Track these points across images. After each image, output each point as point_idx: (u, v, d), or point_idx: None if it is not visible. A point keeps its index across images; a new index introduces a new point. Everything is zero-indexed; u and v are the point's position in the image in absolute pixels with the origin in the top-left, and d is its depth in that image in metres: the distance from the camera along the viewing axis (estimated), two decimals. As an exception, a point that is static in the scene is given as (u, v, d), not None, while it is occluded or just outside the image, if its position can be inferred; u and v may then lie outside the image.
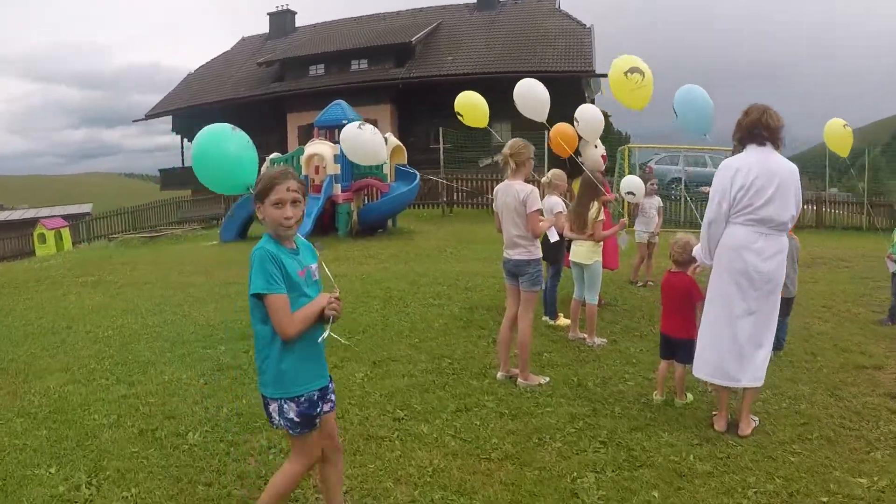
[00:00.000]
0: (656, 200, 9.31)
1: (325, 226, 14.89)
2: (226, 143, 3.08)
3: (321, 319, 2.60)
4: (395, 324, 6.84)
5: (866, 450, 4.05)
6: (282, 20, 37.81)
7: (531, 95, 6.73)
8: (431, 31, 30.87)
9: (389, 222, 16.30)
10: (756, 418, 4.35)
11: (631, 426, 4.30)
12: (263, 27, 39.03)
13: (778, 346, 6.04)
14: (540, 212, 4.81)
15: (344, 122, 15.48)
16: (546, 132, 18.50)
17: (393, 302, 7.90)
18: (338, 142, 14.76)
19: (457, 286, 8.80)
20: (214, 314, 7.61)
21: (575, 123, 7.18)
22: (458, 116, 7.82)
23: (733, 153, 4.28)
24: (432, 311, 7.40)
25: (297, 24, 38.28)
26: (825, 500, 3.43)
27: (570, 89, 23.10)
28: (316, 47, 31.99)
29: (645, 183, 8.57)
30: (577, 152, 7.13)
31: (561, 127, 7.17)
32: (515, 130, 22.96)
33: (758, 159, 3.99)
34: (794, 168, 4.05)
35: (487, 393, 4.86)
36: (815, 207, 19.31)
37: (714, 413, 4.43)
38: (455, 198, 20.44)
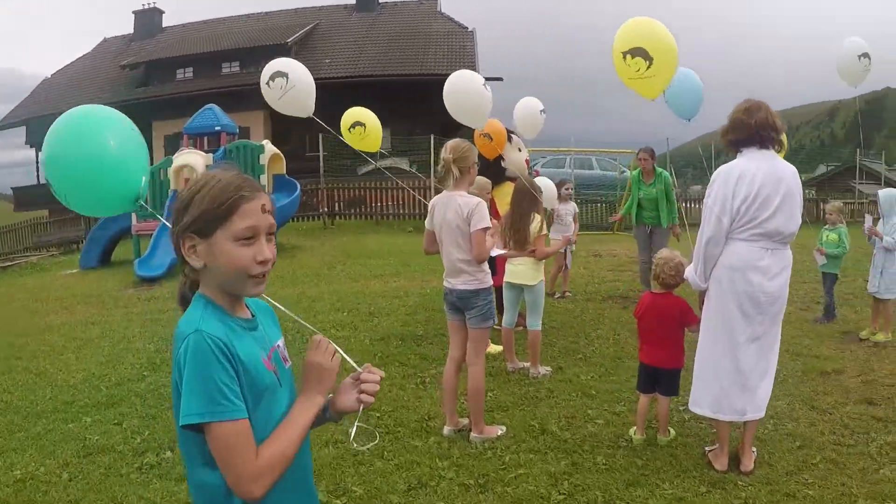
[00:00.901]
0: (572, 206, 8.99)
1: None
2: (99, 134, 2.08)
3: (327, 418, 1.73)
4: (294, 367, 5.82)
5: (875, 468, 3.80)
6: (148, 19, 34.70)
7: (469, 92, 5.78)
8: (308, 33, 29.67)
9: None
10: (754, 449, 3.90)
11: (625, 481, 3.69)
12: (128, 27, 36.32)
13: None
14: (487, 230, 4.09)
15: (217, 128, 14.08)
16: (432, 136, 17.92)
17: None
18: (209, 151, 13.55)
19: (359, 311, 8.01)
20: (75, 368, 6.26)
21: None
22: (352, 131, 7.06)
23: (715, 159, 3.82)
24: (338, 348, 6.50)
25: (164, 24, 35.40)
26: None
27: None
28: (184, 49, 29.71)
29: (559, 188, 8.20)
30: (500, 156, 6.53)
31: (492, 123, 6.50)
32: (395, 137, 22.60)
33: (762, 165, 3.55)
34: (796, 171, 3.67)
35: (439, 457, 4.04)
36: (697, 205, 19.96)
37: (709, 449, 3.98)
38: (336, 208, 19.56)
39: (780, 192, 3.49)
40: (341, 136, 7.44)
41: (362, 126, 7.37)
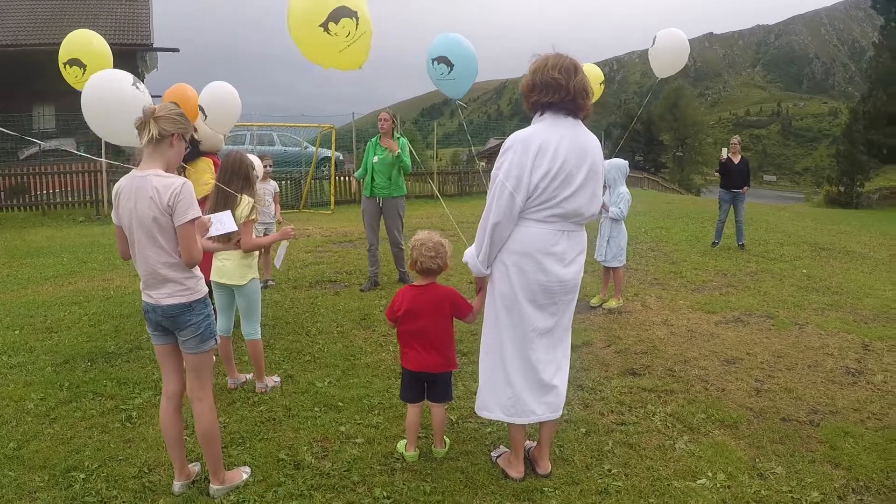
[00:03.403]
0: (272, 185, 8.08)
1: None
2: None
3: None
4: None
5: (670, 443, 3.93)
6: None
7: None
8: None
9: None
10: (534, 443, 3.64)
11: None
12: None
13: None
14: (196, 221, 3.10)
15: None
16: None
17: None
18: None
19: (33, 327, 6.52)
20: None
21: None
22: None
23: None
24: (14, 380, 5.00)
25: None
26: None
27: (122, 64, 20.72)
28: None
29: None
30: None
31: (180, 90, 5.32)
32: (60, 114, 19.90)
33: (566, 133, 3.17)
34: (599, 144, 3.38)
35: None
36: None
37: (496, 455, 3.68)
38: None
39: (584, 168, 3.19)
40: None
41: (81, 67, 6.40)
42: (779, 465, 3.66)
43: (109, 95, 4.41)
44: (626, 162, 7.09)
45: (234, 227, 3.94)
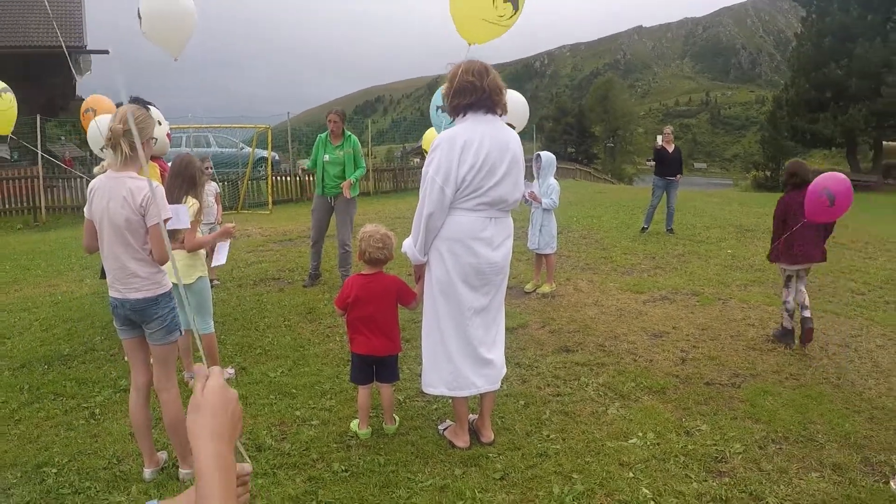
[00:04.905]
0: (213, 186, 8.17)
1: None
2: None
3: None
4: None
5: (602, 409, 4.26)
6: None
7: None
8: None
9: None
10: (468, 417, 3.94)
11: (376, 483, 3.41)
12: None
13: None
14: (167, 222, 3.33)
15: None
16: (38, 116, 15.44)
17: None
18: None
19: None
20: None
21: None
22: None
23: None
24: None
25: None
26: (622, 475, 3.33)
27: (55, 66, 20.14)
28: None
29: (200, 165, 7.36)
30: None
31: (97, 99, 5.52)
32: None
33: (487, 130, 3.52)
34: (518, 137, 3.79)
35: None
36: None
37: (443, 428, 3.98)
38: None
39: (506, 160, 3.55)
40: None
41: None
42: (704, 423, 4.03)
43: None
44: (554, 156, 7.49)
45: (188, 224, 4.13)
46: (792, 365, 5.01)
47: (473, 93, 3.50)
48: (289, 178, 19.62)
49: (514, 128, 6.76)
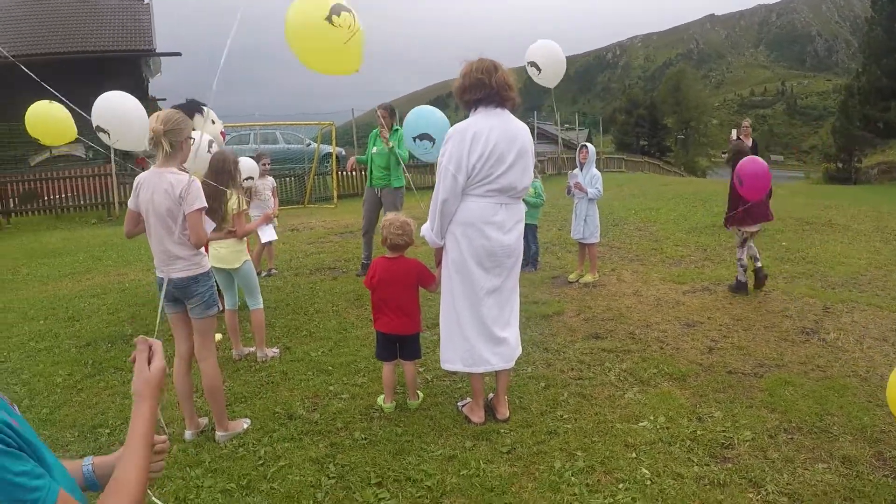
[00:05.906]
0: (270, 181, 8.63)
1: None
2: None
3: None
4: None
5: (619, 394, 4.38)
6: None
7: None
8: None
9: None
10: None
11: (391, 451, 3.68)
12: None
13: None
14: (203, 211, 3.75)
15: None
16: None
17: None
18: None
19: (57, 317, 7.15)
20: None
21: None
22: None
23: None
24: (43, 360, 5.64)
25: None
26: (625, 455, 3.45)
27: (127, 69, 22.07)
28: None
29: (256, 162, 7.77)
30: None
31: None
32: None
33: (496, 123, 3.76)
34: (528, 129, 3.98)
35: (190, 465, 3.68)
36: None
37: (462, 404, 4.21)
38: (11, 205, 17.00)
39: (514, 150, 3.76)
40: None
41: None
42: (718, 410, 4.07)
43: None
44: (594, 147, 7.62)
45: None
46: (822, 357, 4.95)
47: (482, 88, 3.74)
48: (354, 173, 19.99)
49: (539, 71, 7.06)
